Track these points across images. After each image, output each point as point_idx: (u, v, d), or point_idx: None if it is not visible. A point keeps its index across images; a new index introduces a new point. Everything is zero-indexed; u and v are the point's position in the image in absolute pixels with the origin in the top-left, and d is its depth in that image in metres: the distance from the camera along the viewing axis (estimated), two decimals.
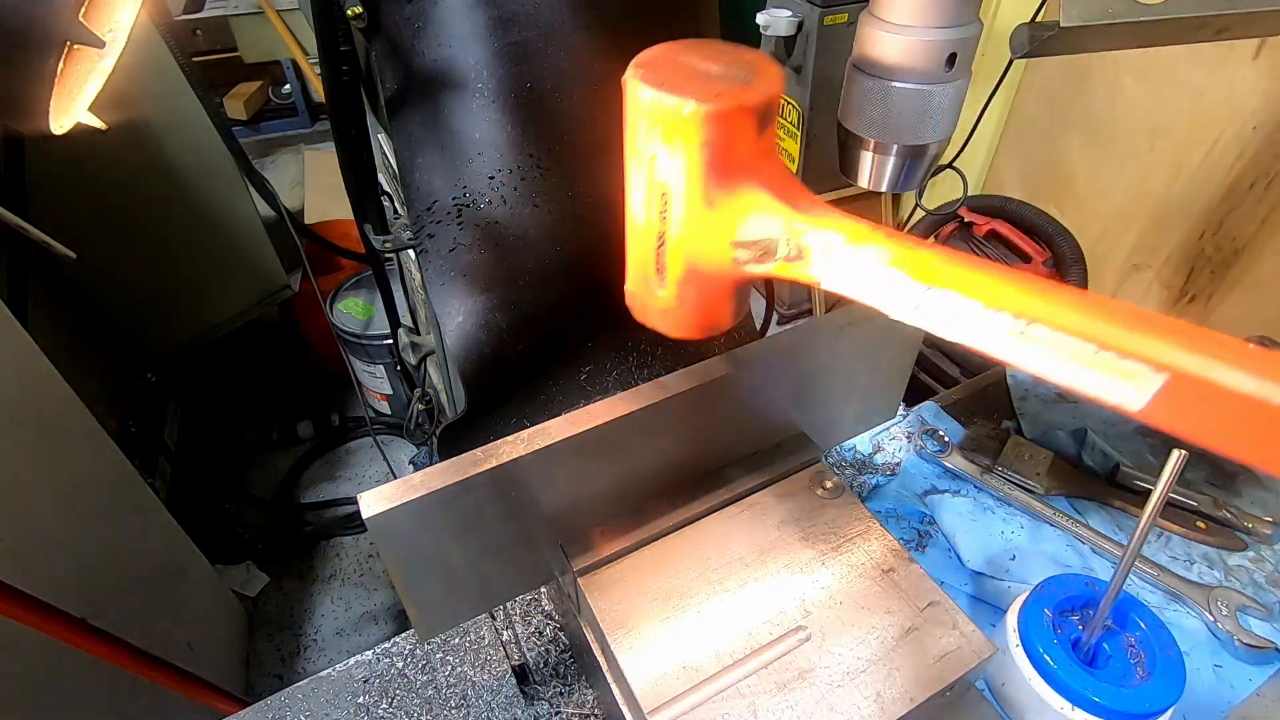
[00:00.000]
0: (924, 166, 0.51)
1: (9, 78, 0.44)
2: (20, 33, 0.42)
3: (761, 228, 0.37)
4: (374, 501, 0.43)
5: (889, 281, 0.34)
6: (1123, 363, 0.28)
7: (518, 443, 0.46)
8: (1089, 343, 0.29)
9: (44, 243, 1.08)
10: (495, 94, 0.62)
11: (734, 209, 0.37)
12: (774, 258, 0.37)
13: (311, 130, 3.71)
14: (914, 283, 0.33)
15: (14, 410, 1.04)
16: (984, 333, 0.32)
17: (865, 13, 0.47)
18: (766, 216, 0.37)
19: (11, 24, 0.41)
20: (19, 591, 0.89)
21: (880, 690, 0.50)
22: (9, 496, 1.00)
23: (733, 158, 0.36)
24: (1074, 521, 0.80)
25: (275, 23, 2.23)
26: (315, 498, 2.11)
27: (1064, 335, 0.30)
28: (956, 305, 0.32)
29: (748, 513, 0.60)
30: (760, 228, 0.37)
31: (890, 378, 0.67)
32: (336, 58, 0.68)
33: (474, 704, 0.67)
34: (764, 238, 0.37)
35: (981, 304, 0.31)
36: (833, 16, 2.05)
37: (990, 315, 0.31)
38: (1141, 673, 0.59)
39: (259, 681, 1.68)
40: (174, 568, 1.43)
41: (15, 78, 0.44)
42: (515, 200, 0.64)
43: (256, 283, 2.25)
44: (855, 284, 0.35)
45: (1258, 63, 1.38)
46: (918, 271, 0.33)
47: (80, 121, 0.49)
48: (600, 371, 0.75)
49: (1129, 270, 1.74)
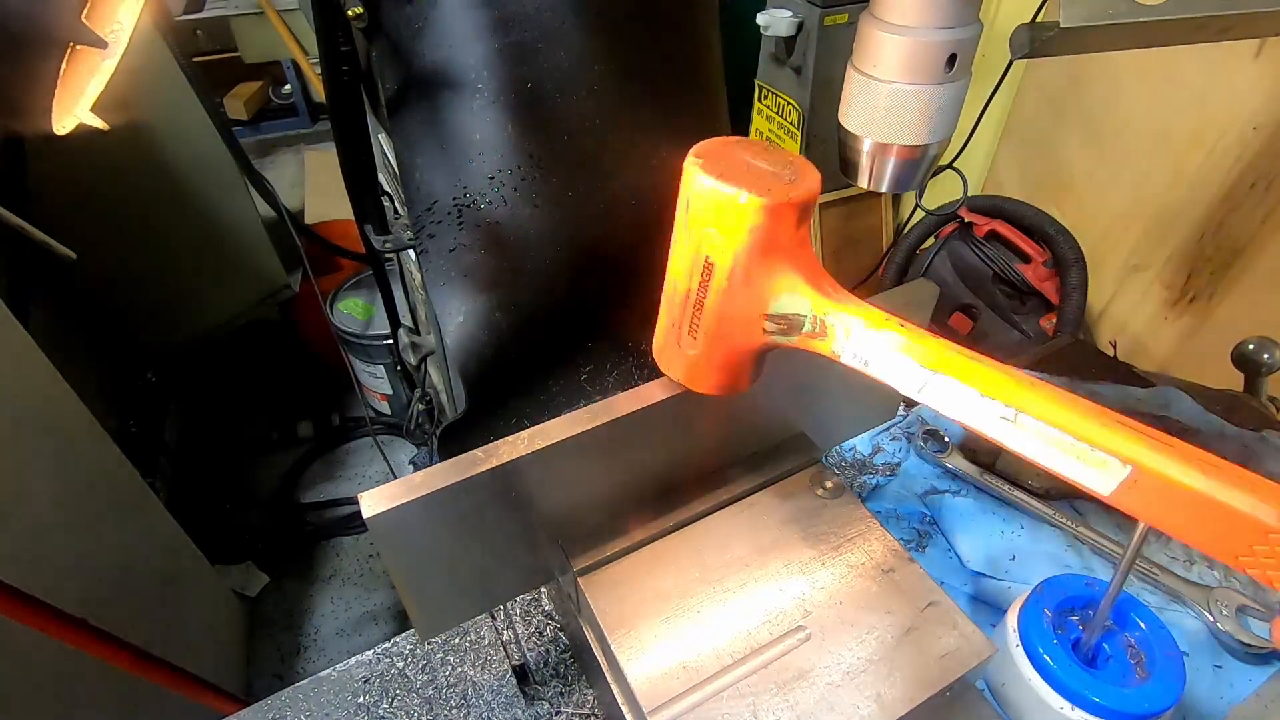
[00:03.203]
0: (924, 166, 0.51)
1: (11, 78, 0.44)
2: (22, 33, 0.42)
3: (791, 305, 0.42)
4: (374, 501, 0.43)
5: (899, 365, 0.39)
6: (1095, 454, 0.34)
7: (518, 443, 0.46)
8: (1068, 435, 0.35)
9: (44, 243, 1.08)
10: (495, 94, 0.62)
11: (769, 287, 0.42)
12: (798, 332, 0.43)
13: (311, 130, 3.71)
14: (920, 368, 0.39)
15: (14, 410, 1.04)
16: (979, 417, 0.37)
17: (865, 13, 0.47)
18: (797, 297, 0.42)
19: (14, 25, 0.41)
20: (19, 591, 0.89)
21: (880, 690, 0.50)
22: (9, 496, 1.00)
23: (774, 244, 0.41)
24: (1074, 521, 0.80)
25: (275, 23, 2.24)
26: (315, 498, 2.11)
27: (1047, 426, 0.35)
28: (956, 391, 0.38)
29: (748, 513, 0.60)
30: (790, 305, 0.42)
31: None
32: (336, 58, 0.68)
33: (474, 704, 0.67)
34: (792, 314, 0.43)
35: (978, 392, 0.37)
36: (833, 16, 2.05)
37: (985, 403, 0.37)
38: (1141, 673, 0.59)
39: (259, 681, 1.68)
40: (174, 568, 1.43)
41: (17, 78, 0.44)
42: (516, 201, 0.64)
43: (256, 283, 2.26)
44: (869, 363, 0.41)
45: (1258, 63, 1.38)
46: (924, 358, 0.39)
47: (82, 122, 0.49)
48: (600, 371, 0.75)
49: (1129, 270, 1.74)
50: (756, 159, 0.42)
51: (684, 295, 0.45)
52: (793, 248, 0.42)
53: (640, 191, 0.68)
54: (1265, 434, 0.90)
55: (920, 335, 0.39)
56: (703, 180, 0.41)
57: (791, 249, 0.42)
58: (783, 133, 2.39)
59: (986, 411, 0.36)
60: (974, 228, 1.86)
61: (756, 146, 0.44)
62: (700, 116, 0.73)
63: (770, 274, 0.42)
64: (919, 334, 0.39)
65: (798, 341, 0.43)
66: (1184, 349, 1.67)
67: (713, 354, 0.46)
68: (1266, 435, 0.90)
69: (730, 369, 0.47)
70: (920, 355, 0.39)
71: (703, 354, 0.46)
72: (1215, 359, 1.09)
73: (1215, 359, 1.09)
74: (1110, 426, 0.34)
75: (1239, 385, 1.04)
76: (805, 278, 0.42)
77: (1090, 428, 0.34)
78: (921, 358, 0.39)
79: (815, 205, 0.43)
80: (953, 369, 0.38)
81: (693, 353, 0.46)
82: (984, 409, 0.37)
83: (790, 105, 2.30)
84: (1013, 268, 1.79)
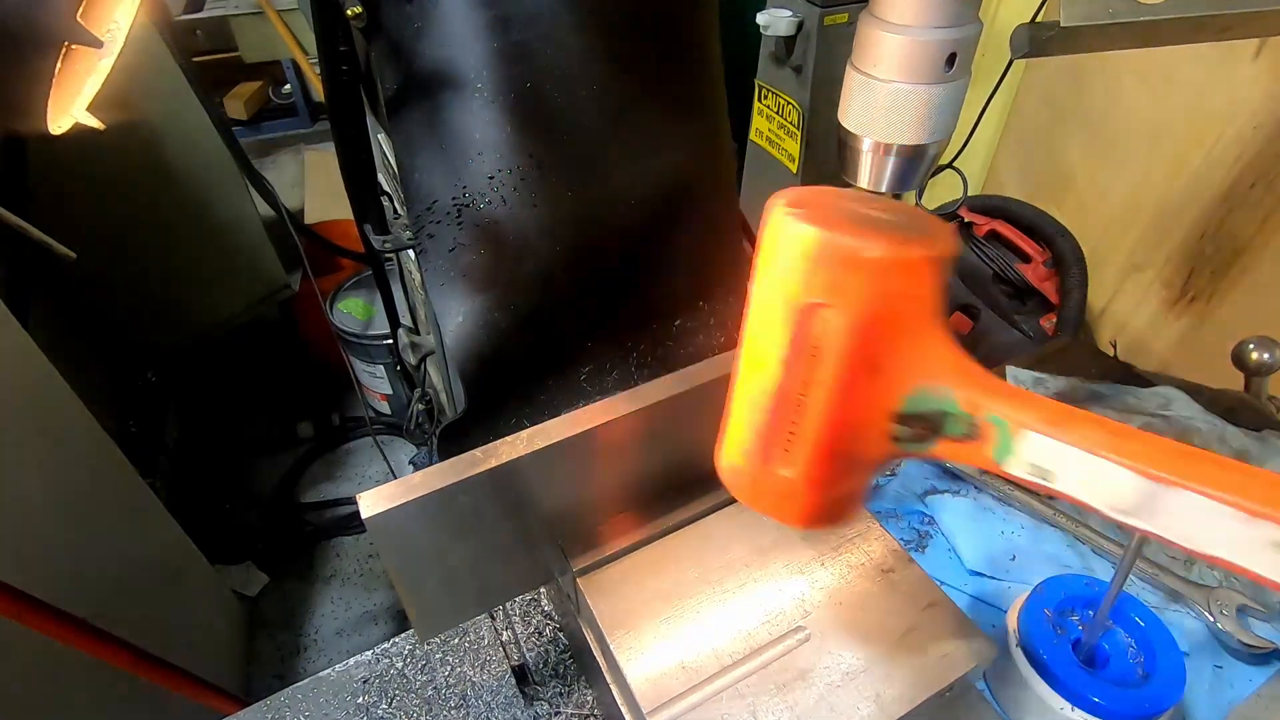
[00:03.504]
0: (924, 166, 0.51)
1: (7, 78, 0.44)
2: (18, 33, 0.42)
3: (930, 401, 0.32)
4: (374, 501, 0.43)
5: (1103, 476, 0.28)
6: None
7: (518, 443, 0.46)
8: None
9: (44, 243, 1.08)
10: (495, 94, 0.62)
11: (900, 376, 0.31)
12: (939, 435, 0.32)
13: (311, 130, 3.71)
14: (1141, 479, 0.27)
15: (14, 410, 1.04)
16: (1243, 545, 0.25)
17: (865, 13, 0.46)
18: (939, 389, 0.31)
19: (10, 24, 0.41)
20: (19, 592, 0.89)
21: (880, 690, 0.50)
22: (9, 496, 1.00)
23: (909, 314, 0.31)
24: (1074, 522, 0.80)
25: (275, 23, 2.24)
26: (315, 498, 2.11)
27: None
28: (1201, 510, 0.26)
29: (748, 513, 0.60)
30: (929, 401, 0.32)
31: None
32: (336, 58, 0.68)
33: (474, 704, 0.67)
34: (932, 412, 0.32)
35: (1237, 509, 0.25)
36: (833, 16, 2.05)
37: (1252, 527, 0.25)
38: (1141, 673, 0.59)
39: (259, 681, 1.68)
40: (174, 568, 1.43)
41: (13, 78, 0.44)
42: (515, 200, 0.64)
43: (256, 283, 2.25)
44: (1054, 476, 0.29)
45: (1258, 63, 1.38)
46: (1146, 461, 0.27)
47: (78, 121, 0.49)
48: (600, 371, 0.75)
49: (1129, 270, 1.74)
50: (868, 208, 0.33)
51: (773, 395, 0.33)
52: (929, 321, 0.31)
53: (640, 191, 0.68)
54: (1265, 434, 0.90)
55: (1131, 432, 0.28)
56: (806, 233, 0.30)
57: (928, 323, 0.31)
58: (783, 133, 2.39)
59: (1253, 538, 0.25)
60: (974, 227, 1.86)
61: (861, 195, 0.34)
62: (700, 116, 0.73)
63: (901, 358, 0.31)
64: (1128, 431, 0.28)
65: (939, 449, 0.32)
66: (1184, 349, 1.67)
67: (817, 474, 0.34)
68: (1266, 435, 0.90)
69: (839, 493, 0.35)
70: (1138, 458, 0.27)
71: (803, 475, 0.34)
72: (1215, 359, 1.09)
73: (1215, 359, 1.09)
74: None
75: (1239, 385, 1.04)
76: (949, 362, 0.31)
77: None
78: (1141, 461, 0.27)
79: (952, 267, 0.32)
80: (1193, 474, 0.26)
81: (789, 473, 0.34)
82: (1249, 535, 0.25)
83: (790, 105, 2.30)
84: (1013, 267, 1.79)
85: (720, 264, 0.79)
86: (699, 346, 0.80)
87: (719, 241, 0.78)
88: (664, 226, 0.71)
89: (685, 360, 0.79)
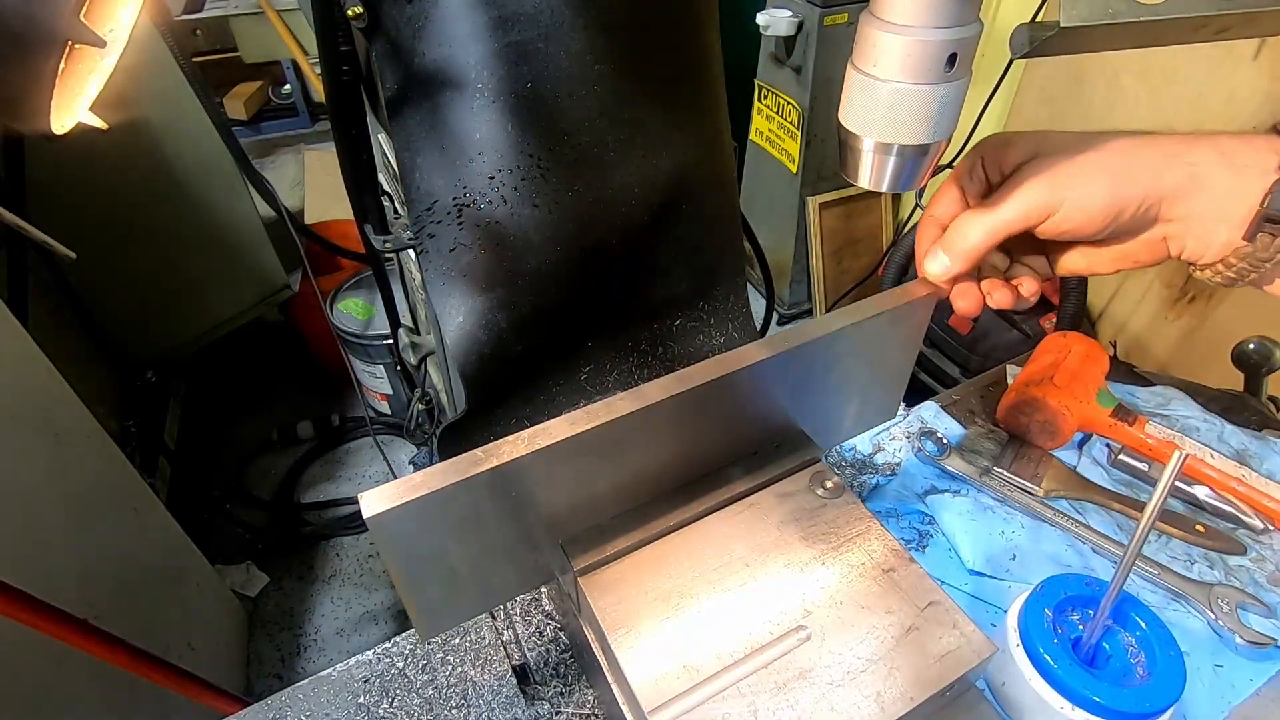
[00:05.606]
0: (924, 166, 0.51)
1: (9, 77, 0.44)
2: (21, 32, 0.42)
3: None
4: (374, 501, 0.43)
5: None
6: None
7: (518, 443, 0.46)
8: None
9: (44, 243, 1.08)
10: (495, 94, 0.62)
11: None
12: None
13: (311, 130, 3.71)
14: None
15: (14, 410, 1.04)
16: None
17: (865, 13, 0.46)
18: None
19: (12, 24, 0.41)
20: (19, 591, 0.89)
21: (880, 690, 0.50)
22: (9, 496, 1.00)
23: None
24: (1074, 522, 0.80)
25: (275, 23, 2.24)
26: (315, 498, 2.11)
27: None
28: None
29: (748, 513, 0.60)
30: None
31: (890, 377, 0.67)
32: (336, 58, 0.68)
33: (474, 704, 0.67)
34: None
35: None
36: (833, 16, 2.06)
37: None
38: (1141, 672, 0.59)
39: (259, 681, 1.68)
40: (174, 568, 1.43)
41: (16, 77, 0.44)
42: (515, 200, 0.64)
43: (256, 283, 2.26)
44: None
45: (1258, 63, 1.38)
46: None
47: (81, 121, 0.49)
48: (600, 371, 0.75)
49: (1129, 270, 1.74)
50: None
51: None
52: None
53: (640, 191, 0.69)
54: (1265, 434, 0.90)
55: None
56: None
57: None
58: (783, 133, 2.39)
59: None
60: None
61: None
62: (700, 116, 0.73)
63: None
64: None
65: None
66: (1184, 349, 1.67)
67: None
68: (1266, 435, 0.90)
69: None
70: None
71: None
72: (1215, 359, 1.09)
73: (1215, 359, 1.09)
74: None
75: (1239, 385, 1.04)
76: None
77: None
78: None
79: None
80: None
81: None
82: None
83: (790, 105, 2.30)
84: None
85: (721, 263, 0.79)
86: (699, 346, 0.80)
87: (719, 241, 0.78)
88: (664, 226, 0.72)
89: (685, 360, 0.79)
